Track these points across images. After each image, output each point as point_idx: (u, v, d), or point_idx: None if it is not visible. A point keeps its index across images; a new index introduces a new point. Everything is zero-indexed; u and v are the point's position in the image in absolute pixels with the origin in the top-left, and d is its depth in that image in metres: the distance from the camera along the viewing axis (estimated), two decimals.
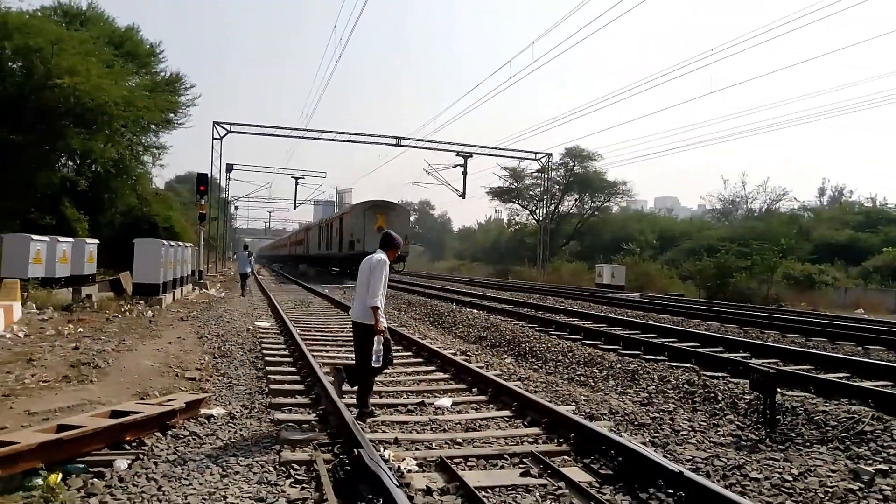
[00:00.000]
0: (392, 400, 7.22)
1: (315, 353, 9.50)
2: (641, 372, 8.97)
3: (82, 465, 4.59)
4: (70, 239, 18.35)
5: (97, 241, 20.30)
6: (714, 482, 4.55)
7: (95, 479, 4.41)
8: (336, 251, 36.08)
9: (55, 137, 23.93)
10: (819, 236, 41.36)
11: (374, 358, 6.15)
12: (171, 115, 30.77)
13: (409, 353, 10.36)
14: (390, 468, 4.55)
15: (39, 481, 4.21)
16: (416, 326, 14.34)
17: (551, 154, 47.18)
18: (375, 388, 7.73)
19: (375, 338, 6.18)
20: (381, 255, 6.53)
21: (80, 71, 22.09)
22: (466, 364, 8.74)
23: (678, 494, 4.31)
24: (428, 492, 4.42)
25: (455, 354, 9.87)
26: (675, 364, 9.64)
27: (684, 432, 6.10)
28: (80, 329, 11.81)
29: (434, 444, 5.51)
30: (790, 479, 4.76)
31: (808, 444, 5.76)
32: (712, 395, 7.57)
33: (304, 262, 49.92)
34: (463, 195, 42.38)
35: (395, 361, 9.54)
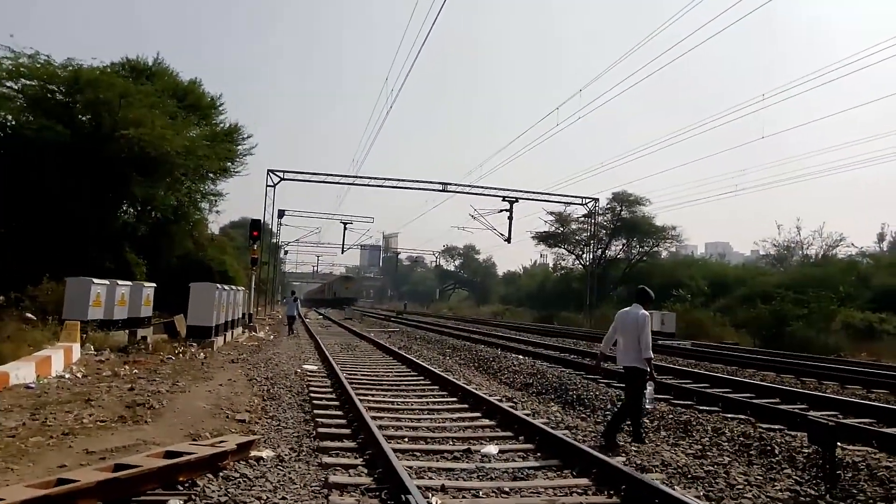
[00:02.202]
0: (438, 446, 7.18)
1: (361, 397, 9.57)
2: (694, 423, 8.73)
3: None
4: (128, 283, 19.02)
5: (154, 284, 20.98)
6: None
7: None
8: (331, 297, 79.87)
9: (119, 185, 25.19)
10: (879, 283, 39.62)
11: (647, 400, 7.19)
12: (229, 163, 31.98)
13: (455, 399, 10.32)
14: None
15: None
16: (461, 372, 14.28)
17: (598, 199, 46.99)
18: (421, 433, 7.76)
19: (649, 383, 7.18)
20: (642, 311, 7.46)
21: (145, 122, 23.37)
22: (513, 411, 8.65)
23: None
24: None
25: (501, 401, 9.78)
26: (729, 415, 9.36)
27: (739, 486, 5.89)
28: (136, 370, 12.18)
29: (481, 493, 5.46)
30: None
31: (870, 501, 5.50)
32: (769, 448, 7.31)
33: (325, 303, 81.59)
34: (508, 240, 42.43)
35: (440, 408, 9.64)
